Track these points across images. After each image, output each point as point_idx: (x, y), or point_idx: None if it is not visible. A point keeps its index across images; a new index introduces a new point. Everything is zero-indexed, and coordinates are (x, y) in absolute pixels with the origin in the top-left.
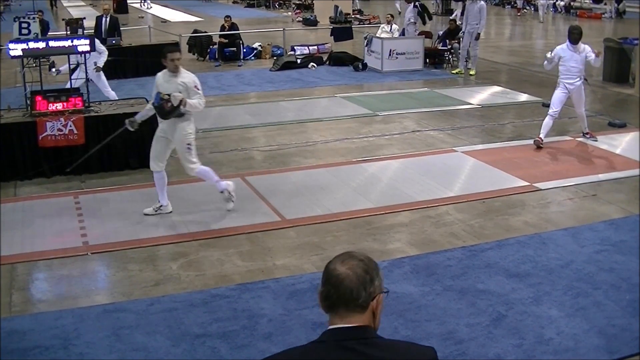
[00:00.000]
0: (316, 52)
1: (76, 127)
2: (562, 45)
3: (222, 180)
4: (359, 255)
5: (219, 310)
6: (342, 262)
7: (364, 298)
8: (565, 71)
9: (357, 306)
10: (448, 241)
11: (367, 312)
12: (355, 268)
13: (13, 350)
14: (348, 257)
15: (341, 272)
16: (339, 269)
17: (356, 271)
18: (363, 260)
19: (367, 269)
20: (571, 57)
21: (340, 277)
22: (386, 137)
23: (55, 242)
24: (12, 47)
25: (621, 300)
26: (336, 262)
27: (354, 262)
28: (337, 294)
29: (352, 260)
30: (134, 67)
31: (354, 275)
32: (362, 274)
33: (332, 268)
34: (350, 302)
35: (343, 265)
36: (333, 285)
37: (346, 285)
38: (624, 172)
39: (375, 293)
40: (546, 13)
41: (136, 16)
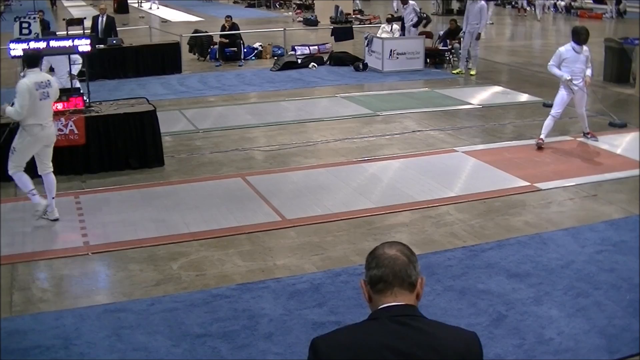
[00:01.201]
0: (317, 52)
1: (77, 127)
2: (566, 46)
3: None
4: (398, 242)
5: (220, 310)
6: (389, 246)
7: (414, 276)
8: (570, 73)
9: (409, 284)
10: (448, 241)
11: (414, 291)
12: (403, 250)
13: (14, 350)
14: (391, 244)
15: (393, 254)
16: (388, 252)
17: (405, 252)
18: (405, 245)
19: (410, 252)
20: (576, 58)
21: (393, 257)
22: (387, 137)
23: (55, 242)
24: (12, 47)
25: (622, 300)
26: (384, 247)
27: (399, 247)
28: (393, 272)
29: (397, 245)
30: (135, 67)
31: (404, 256)
32: (410, 254)
33: (382, 252)
34: (404, 280)
35: (391, 249)
36: (387, 266)
37: (400, 264)
38: (624, 172)
39: (419, 275)
40: (546, 13)
41: (136, 16)
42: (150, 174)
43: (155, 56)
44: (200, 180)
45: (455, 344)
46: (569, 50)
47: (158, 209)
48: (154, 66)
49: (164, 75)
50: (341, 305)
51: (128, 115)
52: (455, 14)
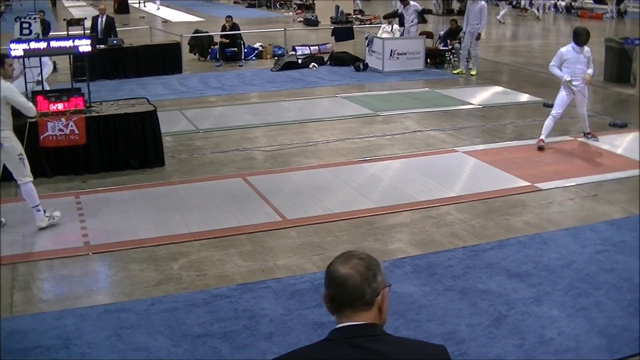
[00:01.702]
0: (317, 52)
1: (77, 127)
2: (567, 47)
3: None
4: (358, 254)
5: (220, 310)
6: (343, 262)
7: (369, 295)
8: (571, 73)
9: (363, 304)
10: (449, 241)
11: (373, 308)
12: (357, 267)
13: (14, 351)
14: (348, 257)
15: (344, 273)
16: (341, 269)
17: (358, 269)
18: (363, 258)
19: (368, 265)
20: (577, 59)
21: (343, 277)
22: (387, 137)
23: (56, 242)
24: (13, 47)
25: (622, 300)
26: (337, 264)
27: (354, 261)
28: (343, 294)
29: (352, 260)
30: (136, 67)
31: (357, 274)
32: (365, 271)
33: (334, 269)
34: (356, 300)
35: (345, 266)
36: (337, 286)
37: (350, 284)
38: (625, 172)
39: (379, 288)
40: (547, 13)
41: (137, 16)
42: (150, 174)
43: (155, 56)
44: (201, 180)
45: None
46: (570, 51)
47: (159, 209)
48: (154, 66)
49: (165, 75)
50: None
51: (129, 116)
52: (456, 14)
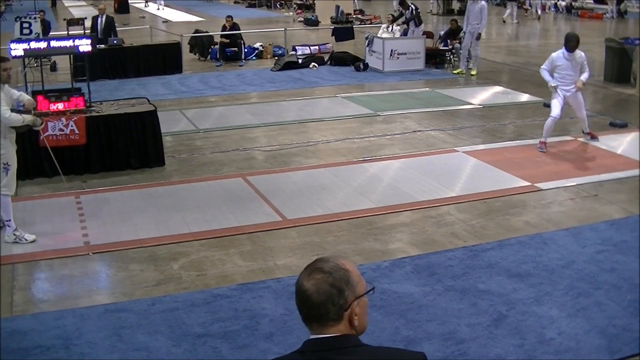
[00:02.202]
0: (317, 52)
1: (77, 127)
2: (558, 52)
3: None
4: (326, 267)
5: (220, 310)
6: (308, 275)
7: (334, 312)
8: (561, 78)
9: (328, 319)
10: (449, 241)
11: (342, 322)
12: (320, 283)
13: (14, 350)
14: (315, 270)
15: (307, 288)
16: (305, 284)
17: (321, 287)
18: (329, 272)
19: (333, 281)
20: (567, 65)
21: (306, 293)
22: (387, 137)
23: (56, 242)
24: (13, 47)
25: (622, 300)
26: (303, 276)
27: (319, 276)
28: (306, 309)
29: (317, 274)
30: (136, 67)
31: (319, 291)
32: (328, 288)
33: (300, 283)
34: (320, 317)
35: (309, 280)
36: (301, 301)
37: (313, 301)
38: (625, 172)
39: (347, 303)
40: (547, 13)
41: (137, 16)
42: (150, 174)
43: (156, 56)
44: (201, 180)
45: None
46: (560, 57)
47: (159, 209)
48: (154, 66)
49: (165, 75)
50: None
51: (129, 115)
52: (456, 14)
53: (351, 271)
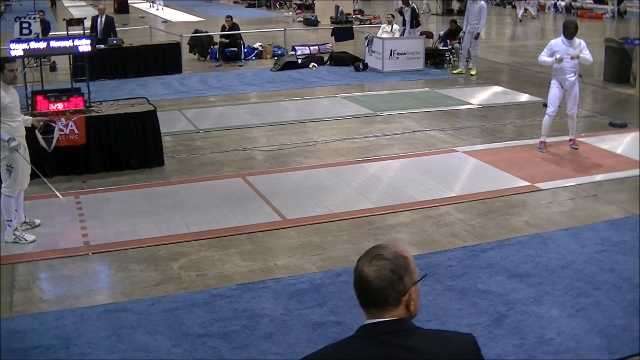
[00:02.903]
0: (317, 52)
1: (77, 127)
2: (557, 40)
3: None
4: (386, 253)
5: (220, 310)
6: (369, 262)
7: (394, 297)
8: (559, 67)
9: (388, 304)
10: (449, 241)
11: (400, 306)
12: (381, 270)
13: (14, 350)
14: (375, 256)
15: (368, 275)
16: (366, 270)
17: (382, 273)
18: (390, 259)
19: (394, 268)
20: (566, 51)
21: (367, 279)
22: (387, 137)
23: (56, 242)
24: (13, 47)
25: (622, 300)
26: (364, 263)
27: (380, 263)
28: (367, 295)
29: (378, 261)
30: (135, 67)
31: (381, 277)
32: (389, 274)
33: (360, 269)
34: (380, 302)
35: (370, 267)
36: (361, 287)
37: (374, 287)
38: (624, 172)
39: (406, 289)
40: (547, 12)
41: (137, 16)
42: (150, 174)
43: (155, 56)
44: (201, 180)
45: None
46: (559, 43)
47: (158, 209)
48: (154, 66)
49: (165, 75)
50: (341, 305)
51: (128, 115)
52: (456, 14)
53: (409, 258)
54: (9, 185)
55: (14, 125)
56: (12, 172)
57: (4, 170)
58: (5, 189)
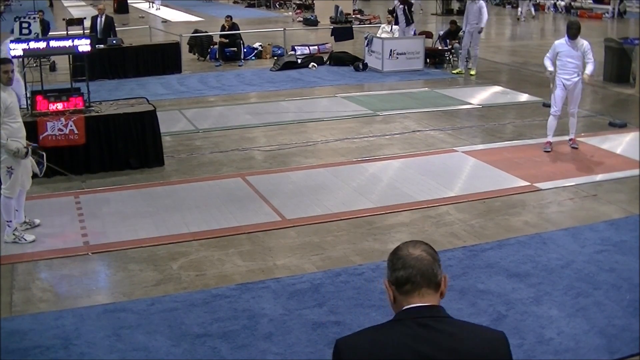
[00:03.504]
0: (317, 52)
1: (77, 127)
2: (561, 40)
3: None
4: (422, 242)
5: (220, 310)
6: (413, 246)
7: (439, 276)
8: (562, 66)
9: (435, 284)
10: (448, 241)
11: (439, 291)
12: (427, 249)
13: (13, 350)
14: (415, 243)
15: (418, 254)
16: (414, 252)
17: (429, 251)
18: (427, 244)
19: (433, 251)
20: (568, 52)
21: (419, 257)
22: (387, 137)
23: (55, 242)
24: (12, 47)
25: (622, 300)
26: (408, 247)
27: (423, 246)
28: (421, 273)
29: (421, 245)
30: (135, 67)
31: (429, 255)
32: (434, 254)
33: (407, 253)
34: (431, 280)
35: (416, 249)
36: (414, 266)
37: (426, 264)
38: (624, 172)
39: (441, 275)
40: (546, 12)
41: (136, 16)
42: (150, 174)
43: (155, 56)
44: (200, 180)
45: (479, 347)
46: (563, 44)
47: (158, 209)
48: (154, 66)
49: (164, 75)
50: (341, 305)
51: (128, 115)
52: (455, 14)
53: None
54: (9, 186)
55: (16, 127)
56: (13, 173)
57: (4, 172)
58: (5, 190)
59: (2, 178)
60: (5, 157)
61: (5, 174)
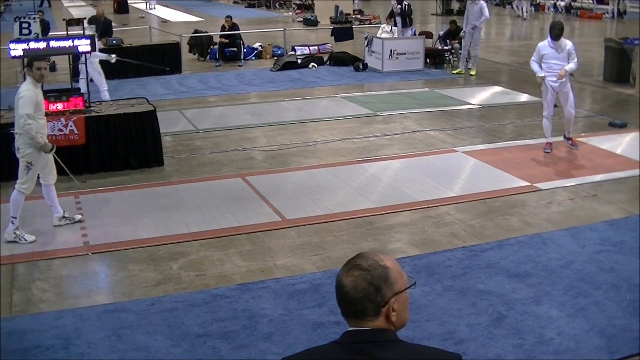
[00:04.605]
0: (317, 52)
1: (77, 127)
2: (544, 42)
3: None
4: (364, 264)
5: (220, 310)
6: (347, 272)
7: (371, 308)
8: (548, 69)
9: (366, 315)
10: (448, 241)
11: (380, 317)
12: (358, 280)
13: (13, 350)
14: (354, 266)
15: (345, 285)
16: (343, 280)
17: (358, 284)
18: (367, 269)
19: (371, 279)
20: (553, 54)
21: (344, 290)
22: (387, 137)
23: (55, 242)
24: (12, 47)
25: (622, 300)
26: (343, 273)
27: (357, 273)
28: (345, 305)
29: (356, 271)
30: (135, 67)
31: (357, 288)
32: (366, 286)
33: (339, 279)
34: (357, 313)
35: (348, 277)
36: (340, 296)
37: (350, 297)
38: (624, 172)
39: (385, 300)
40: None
41: (136, 16)
42: (150, 174)
43: (155, 56)
44: (200, 180)
45: None
46: (546, 46)
47: (158, 209)
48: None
49: (164, 75)
50: None
51: (128, 116)
52: (455, 14)
53: (390, 268)
54: (25, 182)
55: (42, 123)
56: (31, 169)
57: (23, 167)
58: (21, 185)
59: (19, 172)
60: (29, 151)
61: (24, 169)
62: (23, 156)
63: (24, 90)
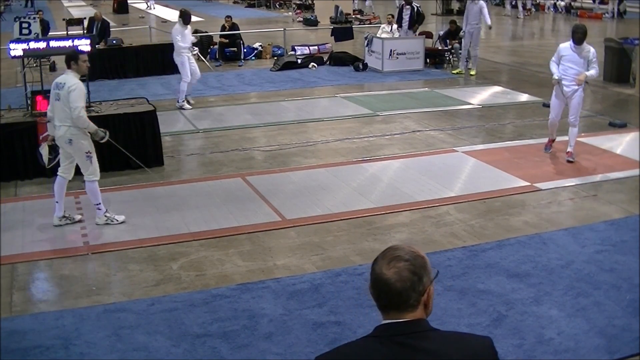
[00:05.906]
0: (317, 52)
1: None
2: (565, 44)
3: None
4: (404, 255)
5: (220, 310)
6: (388, 264)
7: (414, 298)
8: (563, 71)
9: (408, 306)
10: (448, 241)
11: (419, 307)
12: (402, 271)
13: (14, 350)
14: (394, 258)
15: (389, 277)
16: (385, 273)
17: (403, 275)
18: (409, 260)
19: (414, 269)
20: (572, 57)
21: (388, 282)
22: (387, 137)
23: (55, 242)
24: (12, 47)
25: (622, 300)
26: (382, 265)
27: (400, 264)
28: (387, 298)
29: (398, 262)
30: (135, 67)
31: (402, 279)
32: (410, 276)
33: (379, 272)
34: (400, 304)
35: (389, 269)
36: (381, 290)
37: (396, 289)
38: (624, 172)
39: (425, 288)
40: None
41: (136, 16)
42: (150, 174)
43: (155, 56)
44: (200, 180)
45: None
46: (567, 48)
47: (158, 209)
48: (153, 66)
49: (164, 75)
50: (341, 305)
51: (128, 115)
52: (455, 14)
53: (426, 258)
54: (92, 171)
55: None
56: (92, 157)
57: (83, 158)
58: (89, 175)
59: (82, 165)
60: (84, 142)
61: (85, 160)
62: (79, 148)
63: (74, 83)
